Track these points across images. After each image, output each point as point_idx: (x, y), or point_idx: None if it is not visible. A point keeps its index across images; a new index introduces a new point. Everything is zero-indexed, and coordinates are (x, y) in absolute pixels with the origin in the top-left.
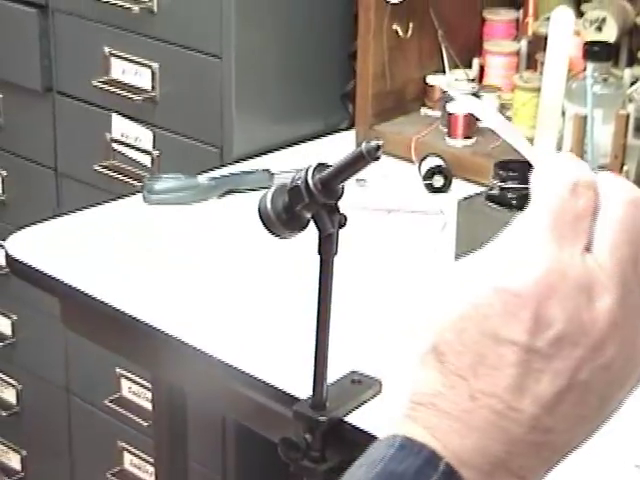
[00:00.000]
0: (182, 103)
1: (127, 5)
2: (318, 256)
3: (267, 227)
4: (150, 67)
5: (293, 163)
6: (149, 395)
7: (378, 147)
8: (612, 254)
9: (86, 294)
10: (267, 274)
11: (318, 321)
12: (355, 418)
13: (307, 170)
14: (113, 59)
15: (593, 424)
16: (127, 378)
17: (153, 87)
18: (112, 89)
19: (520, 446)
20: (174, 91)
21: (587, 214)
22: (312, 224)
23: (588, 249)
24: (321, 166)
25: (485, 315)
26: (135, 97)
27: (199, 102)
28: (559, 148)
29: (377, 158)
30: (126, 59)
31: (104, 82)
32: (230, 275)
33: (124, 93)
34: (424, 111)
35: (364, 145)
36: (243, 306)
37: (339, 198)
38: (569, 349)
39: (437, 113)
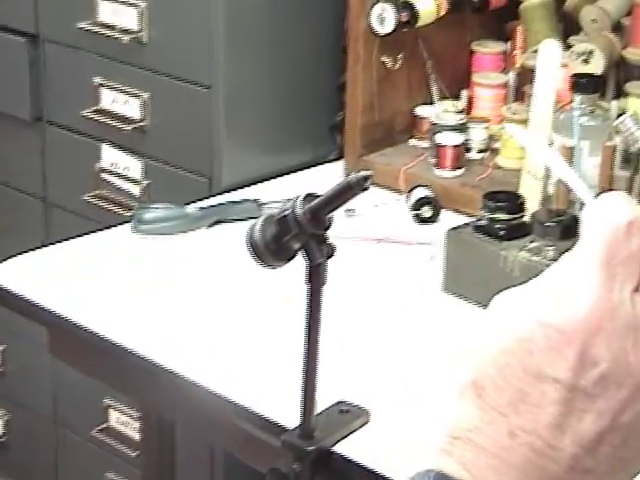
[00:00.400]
0: (171, 133)
1: (117, 35)
2: (307, 285)
3: (256, 257)
4: (140, 97)
5: (282, 193)
6: (137, 425)
7: (366, 178)
8: None
9: (74, 323)
10: (256, 304)
11: (306, 350)
12: (343, 448)
13: (296, 200)
14: (103, 89)
15: (634, 467)
16: (115, 408)
17: (143, 117)
18: (102, 119)
19: None
20: (164, 121)
21: None
22: (300, 254)
23: (638, 290)
24: (309, 196)
25: (529, 350)
26: (125, 127)
27: (188, 132)
28: (547, 179)
29: (365, 189)
30: (116, 89)
31: (94, 112)
32: (219, 305)
33: (114, 123)
34: (413, 142)
35: (352, 176)
36: (232, 336)
37: (327, 228)
38: (614, 390)
39: (426, 144)
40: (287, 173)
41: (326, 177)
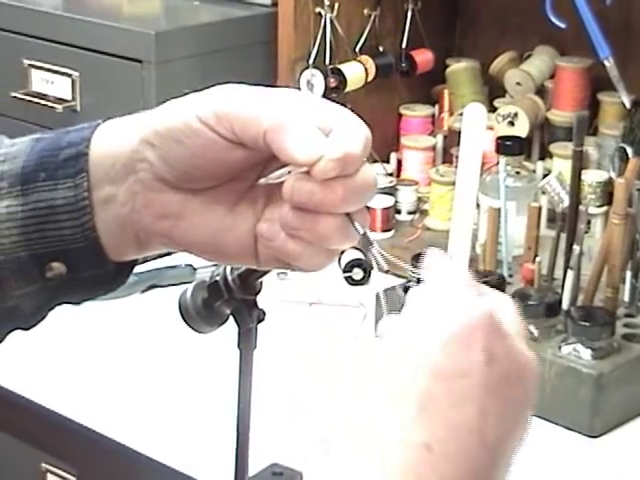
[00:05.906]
0: None
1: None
2: (238, 350)
3: (187, 323)
4: None
5: None
6: None
7: None
8: None
9: (6, 389)
10: (189, 369)
11: (239, 414)
12: None
13: (226, 267)
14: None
15: None
16: (53, 473)
17: None
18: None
19: None
20: None
21: None
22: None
23: None
24: None
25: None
26: None
27: None
28: (475, 240)
29: None
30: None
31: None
32: (152, 371)
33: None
34: None
35: None
36: (165, 400)
37: (258, 293)
38: None
39: None
40: None
41: None
